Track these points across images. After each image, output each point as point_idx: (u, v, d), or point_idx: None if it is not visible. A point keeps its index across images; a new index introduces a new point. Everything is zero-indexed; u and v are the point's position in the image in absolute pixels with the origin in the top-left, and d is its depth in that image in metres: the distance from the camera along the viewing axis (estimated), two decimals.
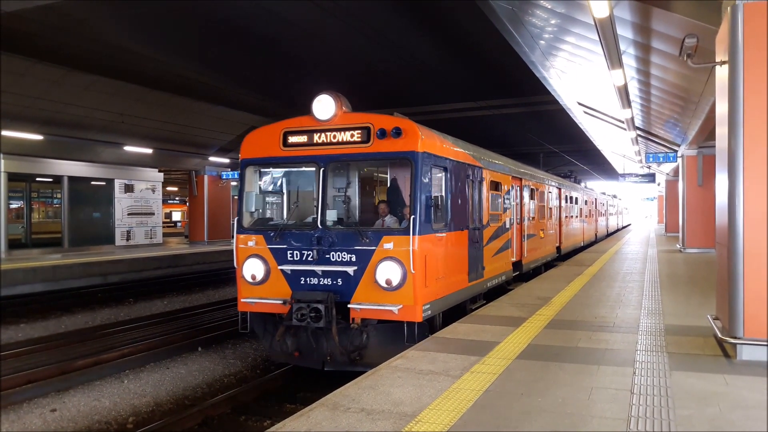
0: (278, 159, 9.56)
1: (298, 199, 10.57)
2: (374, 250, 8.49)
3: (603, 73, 13.92)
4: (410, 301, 8.30)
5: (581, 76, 18.30)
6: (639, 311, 10.06)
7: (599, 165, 48.93)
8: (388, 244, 8.41)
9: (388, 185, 10.96)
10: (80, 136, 24.85)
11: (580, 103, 22.80)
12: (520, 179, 15.08)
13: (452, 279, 9.69)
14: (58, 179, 27.32)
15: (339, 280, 8.71)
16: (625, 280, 14.60)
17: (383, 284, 8.32)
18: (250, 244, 9.33)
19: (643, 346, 7.56)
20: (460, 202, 10.12)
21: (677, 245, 25.83)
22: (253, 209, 9.87)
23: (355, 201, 10.76)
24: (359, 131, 8.80)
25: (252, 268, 9.20)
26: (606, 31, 9.44)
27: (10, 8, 14.22)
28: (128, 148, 26.27)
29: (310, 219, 9.51)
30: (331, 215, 9.27)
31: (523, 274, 15.24)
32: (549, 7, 12.62)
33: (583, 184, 31.81)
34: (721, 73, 7.27)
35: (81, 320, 16.07)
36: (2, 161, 23.76)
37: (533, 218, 16.57)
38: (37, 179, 26.84)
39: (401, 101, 25.59)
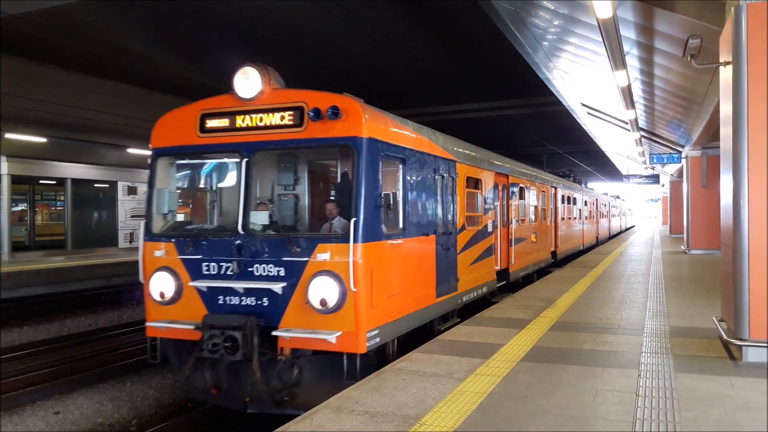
0: (194, 148, 7.75)
1: (220, 198, 8.77)
2: (307, 261, 6.81)
3: (606, 74, 13.91)
4: (351, 326, 6.64)
5: (585, 77, 18.29)
6: (644, 313, 10.02)
7: (603, 166, 48.90)
8: (323, 255, 6.73)
9: (339, 180, 9.12)
10: (84, 139, 24.95)
11: (583, 104, 22.78)
12: (507, 176, 13.45)
13: (413, 295, 8.02)
14: (61, 182, 27.43)
15: (265, 299, 6.99)
16: (629, 281, 14.56)
17: (317, 305, 6.66)
18: (159, 254, 7.52)
19: (648, 348, 7.53)
20: (423, 201, 8.48)
21: (682, 246, 25.76)
22: (165, 210, 7.90)
23: (305, 201, 9.09)
24: (290, 112, 7.05)
25: (160, 284, 7.42)
26: (609, 32, 9.43)
27: (14, 11, 14.27)
28: (131, 151, 26.35)
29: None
30: (259, 218, 7.56)
31: (510, 283, 13.55)
32: (552, 8, 12.61)
33: (583, 185, 30.16)
34: (725, 73, 7.25)
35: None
36: (5, 163, 23.82)
37: (523, 220, 14.96)
38: (41, 182, 26.93)
39: (405, 103, 25.62)
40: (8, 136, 21.21)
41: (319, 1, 13.85)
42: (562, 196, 21.40)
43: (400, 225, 7.74)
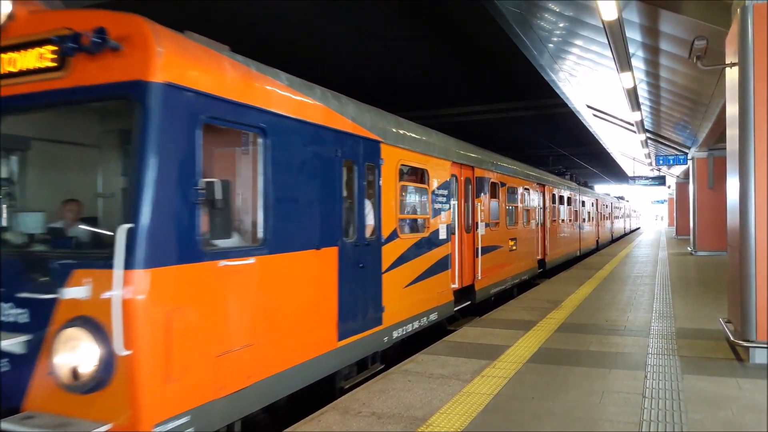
0: None
1: None
2: (55, 300, 4.21)
3: (612, 75, 13.91)
4: (124, 414, 4.01)
5: (590, 79, 18.28)
6: (650, 314, 10.00)
7: (609, 168, 48.79)
8: (78, 289, 4.12)
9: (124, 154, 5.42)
10: None
11: (589, 106, 22.76)
12: (471, 168, 10.89)
13: (283, 344, 5.41)
14: None
15: (2, 362, 4.40)
16: (635, 283, 14.53)
17: (65, 379, 4.15)
18: None
19: (655, 349, 7.52)
20: (310, 197, 5.92)
21: (688, 248, 25.67)
22: None
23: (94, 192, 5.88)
24: (48, 47, 4.41)
25: None
26: (615, 34, 9.44)
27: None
28: None
29: None
30: (28, 222, 5.22)
31: (477, 303, 10.99)
32: (557, 10, 12.62)
33: (580, 183, 27.64)
34: (731, 74, 7.24)
35: None
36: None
37: (496, 224, 12.39)
38: None
39: (411, 105, 25.64)
40: None
41: (323, 3, 13.92)
42: (554, 196, 19.03)
43: (259, 234, 5.17)
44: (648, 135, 23.18)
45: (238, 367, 4.83)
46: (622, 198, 52.51)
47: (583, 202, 25.69)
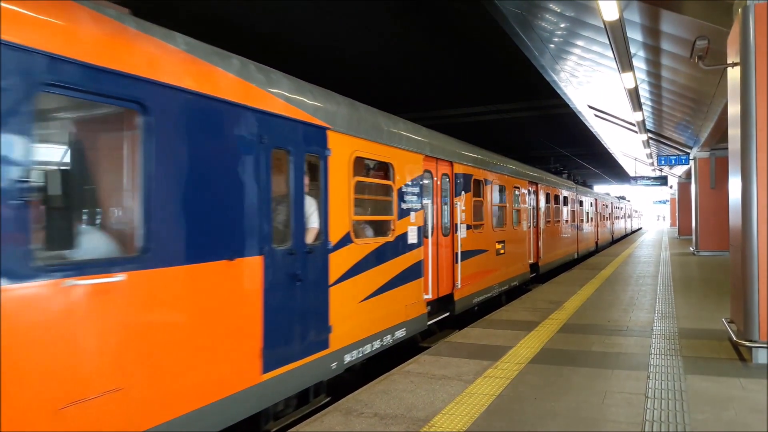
0: None
1: None
2: None
3: (613, 76, 13.91)
4: None
5: (591, 79, 18.28)
6: (652, 315, 9.99)
7: (611, 168, 48.76)
8: None
9: None
10: None
11: (590, 107, 22.75)
12: (450, 164, 9.84)
13: (171, 387, 4.25)
14: None
15: None
16: (638, 283, 14.51)
17: None
18: None
19: (658, 349, 7.51)
20: (218, 193, 4.80)
21: (690, 248, 25.64)
22: None
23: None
24: None
25: None
26: (616, 34, 9.44)
27: None
28: None
29: None
30: None
31: (456, 315, 9.94)
32: (558, 10, 12.63)
33: (577, 182, 26.49)
34: (733, 74, 7.24)
35: None
36: None
37: (480, 225, 11.28)
38: None
39: (413, 106, 25.66)
40: None
41: (323, 3, 13.93)
42: (548, 195, 17.88)
43: (137, 242, 4.07)
44: (650, 135, 23.17)
45: (97, 420, 3.66)
46: (623, 198, 52.29)
47: (581, 202, 24.58)
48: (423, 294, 8.53)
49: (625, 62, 11.02)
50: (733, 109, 7.29)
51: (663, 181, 34.80)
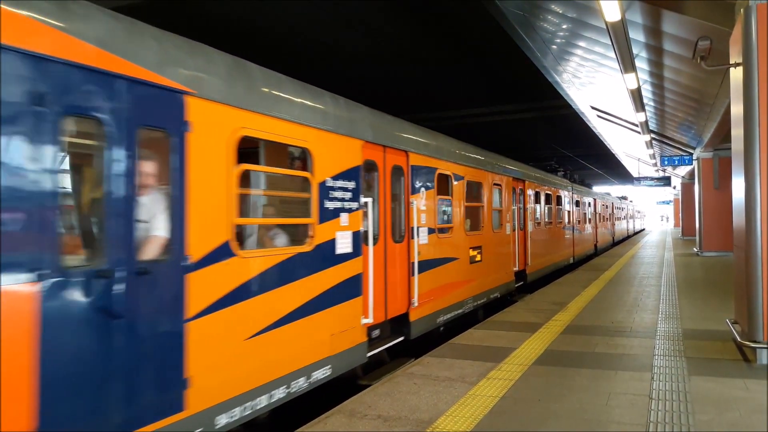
0: None
1: None
2: None
3: (616, 76, 13.90)
4: None
5: (594, 80, 18.27)
6: (656, 316, 9.97)
7: (614, 169, 48.69)
8: None
9: None
10: None
11: (593, 107, 22.74)
12: (405, 153, 8.17)
13: None
14: None
15: None
16: (641, 284, 14.48)
17: None
18: None
19: (661, 350, 7.50)
20: None
21: (694, 249, 25.58)
22: None
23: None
24: None
25: None
26: (618, 35, 9.44)
27: None
28: None
29: None
30: None
31: (411, 340, 8.21)
32: (560, 11, 12.62)
33: (574, 180, 24.70)
34: (736, 74, 7.23)
35: None
36: None
37: (448, 228, 9.70)
38: None
39: (415, 107, 25.69)
40: None
41: (328, 7, 13.96)
42: (538, 194, 16.23)
43: None
44: (652, 136, 23.13)
45: None
46: (624, 198, 51.94)
47: (578, 202, 22.94)
48: (362, 318, 6.77)
49: (627, 63, 11.01)
50: (736, 110, 7.28)
51: (666, 181, 34.77)
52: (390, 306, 7.64)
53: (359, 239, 6.79)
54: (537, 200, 16.15)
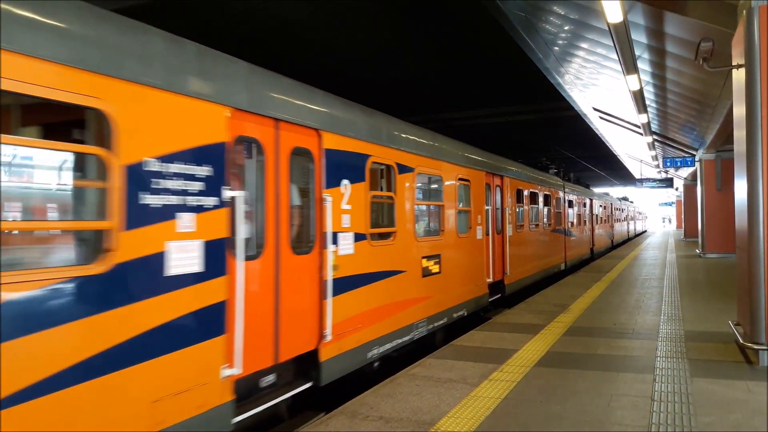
0: None
1: None
2: None
3: (618, 78, 13.90)
4: None
5: (596, 82, 18.26)
6: (658, 317, 9.95)
7: (616, 170, 48.69)
8: None
9: None
10: None
11: (595, 109, 22.73)
12: (317, 132, 6.19)
13: None
14: None
15: None
16: (644, 285, 14.46)
17: None
18: None
19: (663, 352, 7.49)
20: None
21: (696, 250, 25.55)
22: None
23: None
24: None
25: None
26: (620, 36, 9.44)
27: None
28: None
29: None
30: None
31: (321, 387, 6.12)
32: (562, 13, 12.63)
33: (561, 180, 21.30)
34: (738, 76, 7.22)
35: None
36: None
37: (392, 233, 7.72)
38: None
39: (417, 109, 25.71)
40: None
41: (327, 5, 13.96)
42: (520, 192, 14.23)
43: None
44: (655, 137, 23.12)
45: None
46: (625, 199, 51.57)
47: (571, 202, 21.09)
48: (223, 367, 4.69)
49: (629, 64, 11.01)
50: (739, 111, 7.27)
51: (669, 183, 34.74)
52: (286, 343, 5.55)
53: (221, 251, 4.72)
54: (519, 200, 14.23)
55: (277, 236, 5.54)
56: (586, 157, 37.56)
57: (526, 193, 14.77)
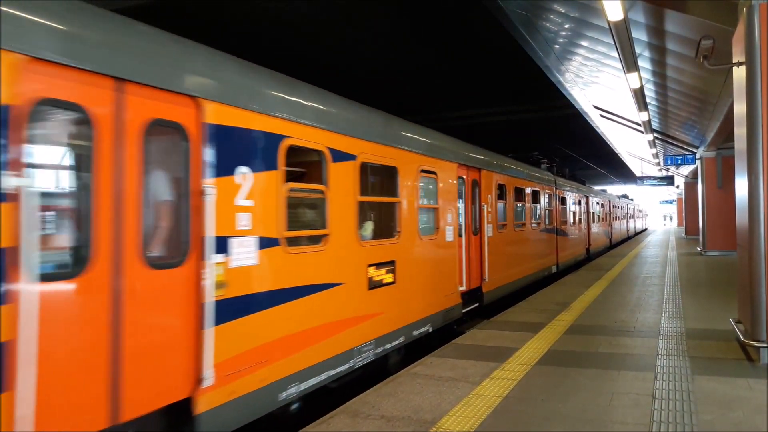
0: None
1: None
2: None
3: (619, 76, 13.89)
4: None
5: (597, 80, 18.25)
6: (660, 315, 9.95)
7: (617, 169, 48.64)
8: None
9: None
10: None
11: (596, 107, 22.72)
12: (194, 100, 4.57)
13: None
14: None
15: None
16: (645, 284, 14.46)
17: None
18: None
19: (665, 350, 7.49)
20: None
21: (698, 248, 25.53)
22: None
23: None
24: None
25: None
26: (620, 35, 9.43)
27: None
28: None
29: None
30: None
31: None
32: (562, 11, 12.62)
33: (553, 175, 19.23)
34: (739, 73, 7.22)
35: None
36: None
37: (323, 237, 6.23)
38: None
39: (418, 108, 25.72)
40: None
41: (329, 6, 13.97)
42: (502, 188, 12.77)
43: None
44: (655, 135, 23.09)
45: None
46: (625, 196, 51.17)
47: (564, 200, 19.77)
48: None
49: (630, 62, 11.00)
50: (739, 109, 7.27)
51: (669, 180, 34.69)
52: (134, 394, 4.03)
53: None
54: (502, 196, 12.75)
55: (117, 244, 3.95)
56: (587, 155, 37.52)
57: (509, 189, 13.20)
